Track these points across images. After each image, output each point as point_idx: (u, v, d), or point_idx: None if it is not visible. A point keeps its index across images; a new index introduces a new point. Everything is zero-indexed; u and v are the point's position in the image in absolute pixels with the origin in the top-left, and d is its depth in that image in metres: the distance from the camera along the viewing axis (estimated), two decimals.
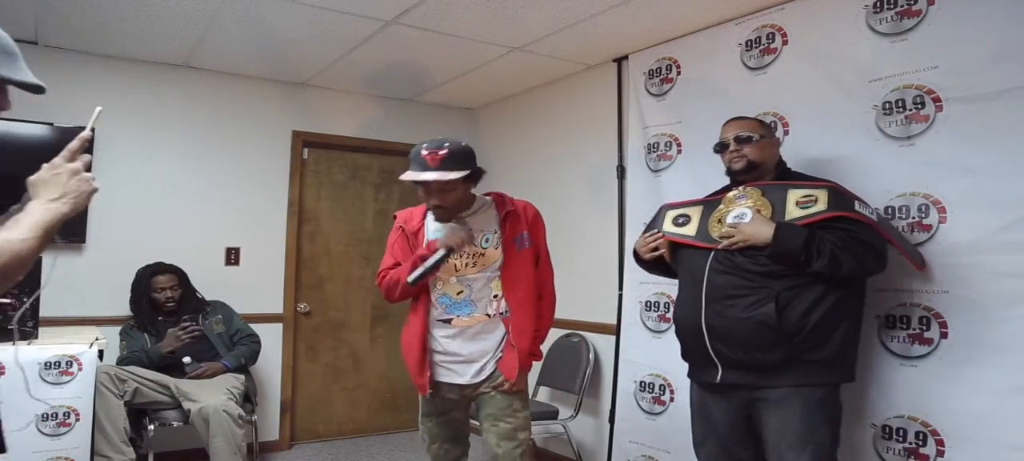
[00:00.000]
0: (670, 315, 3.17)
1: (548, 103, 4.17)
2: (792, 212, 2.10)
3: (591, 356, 3.66)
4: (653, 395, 3.21)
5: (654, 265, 2.45)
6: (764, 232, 2.06)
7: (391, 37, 3.37)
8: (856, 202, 2.09)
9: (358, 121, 4.53)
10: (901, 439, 2.28)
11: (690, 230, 2.30)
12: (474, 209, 2.35)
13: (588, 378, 3.62)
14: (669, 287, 3.17)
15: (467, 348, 2.32)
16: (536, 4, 2.92)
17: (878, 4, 2.47)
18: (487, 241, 2.32)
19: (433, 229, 2.35)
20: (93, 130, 1.24)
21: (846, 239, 2.01)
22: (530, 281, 2.33)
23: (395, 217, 2.49)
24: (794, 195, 2.13)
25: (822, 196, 2.09)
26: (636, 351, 3.32)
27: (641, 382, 3.27)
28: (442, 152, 2.16)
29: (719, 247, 2.16)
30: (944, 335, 2.21)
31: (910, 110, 2.35)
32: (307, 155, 4.43)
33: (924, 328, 2.26)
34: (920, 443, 2.23)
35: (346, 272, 4.56)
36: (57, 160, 1.19)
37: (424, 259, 2.20)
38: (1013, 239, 2.06)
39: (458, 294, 2.32)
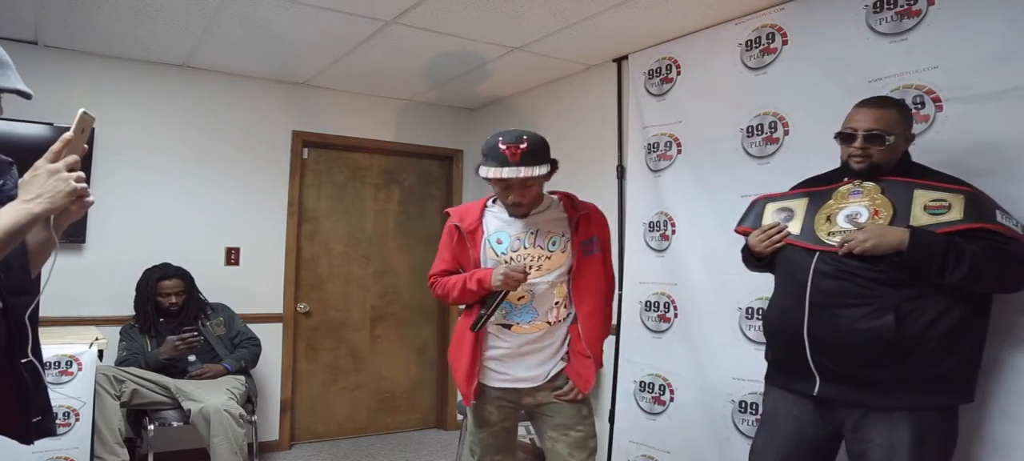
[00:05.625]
0: (670, 315, 3.17)
1: (548, 103, 4.16)
2: (920, 217, 1.83)
3: None
4: (653, 395, 3.21)
5: (760, 261, 2.17)
6: (893, 237, 1.80)
7: (391, 37, 3.37)
8: (998, 211, 1.82)
9: (358, 121, 4.53)
10: None
11: (794, 228, 2.06)
12: (543, 207, 2.24)
13: None
14: (669, 287, 3.18)
15: (526, 356, 2.20)
16: (536, 4, 2.91)
17: (878, 4, 2.47)
18: (554, 244, 2.20)
19: (493, 227, 2.22)
20: (86, 133, 1.27)
21: (989, 251, 1.75)
22: (600, 289, 2.23)
23: (448, 213, 2.32)
24: (922, 198, 1.86)
25: (957, 203, 1.81)
26: (636, 351, 3.32)
27: (641, 382, 3.27)
28: (523, 146, 2.04)
29: (839, 251, 1.88)
30: None
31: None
32: (307, 155, 4.43)
33: None
34: None
35: (346, 272, 4.56)
36: (39, 162, 1.20)
37: (483, 300, 2.16)
38: None
39: (519, 300, 2.18)
